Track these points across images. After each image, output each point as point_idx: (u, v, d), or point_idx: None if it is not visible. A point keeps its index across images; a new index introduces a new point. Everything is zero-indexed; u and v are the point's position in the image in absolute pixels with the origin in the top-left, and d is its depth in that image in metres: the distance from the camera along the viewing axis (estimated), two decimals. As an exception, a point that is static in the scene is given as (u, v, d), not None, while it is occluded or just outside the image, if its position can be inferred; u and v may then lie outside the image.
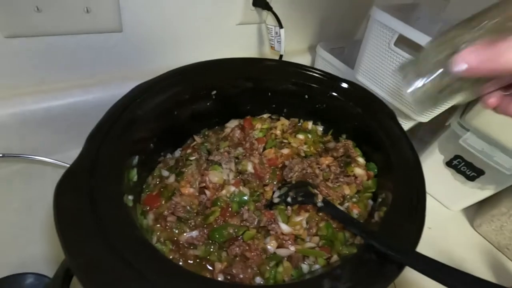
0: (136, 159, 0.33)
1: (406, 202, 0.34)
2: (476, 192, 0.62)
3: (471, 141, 0.55)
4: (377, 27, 0.58)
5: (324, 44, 0.81)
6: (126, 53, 0.52)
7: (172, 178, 0.38)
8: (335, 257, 0.33)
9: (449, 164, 0.63)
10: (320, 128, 0.56)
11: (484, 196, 0.61)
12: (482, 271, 0.56)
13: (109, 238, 0.22)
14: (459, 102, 0.27)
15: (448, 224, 0.65)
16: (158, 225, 0.33)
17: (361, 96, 0.51)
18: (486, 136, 0.54)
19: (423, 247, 0.58)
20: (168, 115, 0.39)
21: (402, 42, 0.56)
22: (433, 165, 0.66)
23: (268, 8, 0.62)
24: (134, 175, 0.32)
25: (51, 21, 0.42)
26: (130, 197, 0.30)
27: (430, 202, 0.69)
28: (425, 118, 0.61)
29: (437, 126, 0.69)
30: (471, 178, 0.61)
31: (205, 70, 0.44)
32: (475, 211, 0.67)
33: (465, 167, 0.61)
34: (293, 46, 0.83)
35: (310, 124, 0.56)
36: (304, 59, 0.85)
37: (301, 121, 0.56)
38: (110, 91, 0.49)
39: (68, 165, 0.25)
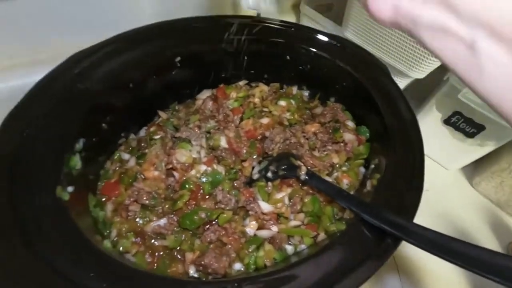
0: (80, 143, 0.28)
1: (402, 167, 0.30)
2: (476, 149, 0.59)
3: (472, 94, 0.51)
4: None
5: (309, 1, 0.73)
6: (70, 17, 0.43)
7: (132, 161, 0.33)
8: (322, 235, 0.29)
9: (447, 122, 0.59)
10: (305, 93, 0.50)
11: (484, 152, 0.58)
12: (483, 230, 0.54)
13: (31, 241, 0.17)
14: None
15: (446, 184, 0.63)
16: (118, 217, 0.29)
17: (350, 52, 0.45)
18: None
19: (421, 211, 0.56)
20: (121, 89, 0.33)
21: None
22: (430, 124, 0.61)
23: (239, -44, 0.53)
24: (76, 162, 0.27)
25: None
26: (70, 189, 0.25)
27: (427, 163, 0.66)
28: (421, 73, 0.56)
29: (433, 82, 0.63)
30: (470, 135, 0.57)
31: (165, 32, 0.37)
32: (474, 169, 0.64)
33: (464, 124, 0.57)
34: (273, 4, 0.74)
35: (294, 89, 0.50)
36: (287, 19, 0.77)
37: (285, 86, 0.51)
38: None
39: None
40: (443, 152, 0.64)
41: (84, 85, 0.28)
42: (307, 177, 0.32)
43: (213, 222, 0.30)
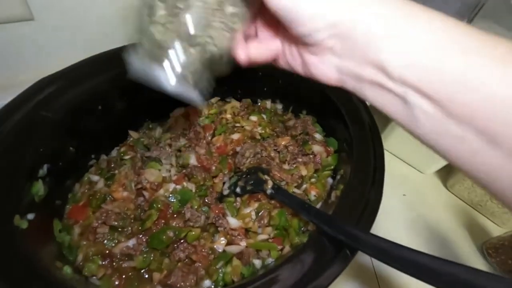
0: (44, 169, 0.28)
1: (363, 178, 0.31)
2: (447, 153, 0.61)
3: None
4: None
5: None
6: (41, 44, 0.44)
7: (101, 183, 0.33)
8: (287, 248, 0.30)
9: (418, 127, 0.61)
10: (279, 106, 0.52)
11: (454, 156, 0.60)
12: (458, 231, 0.56)
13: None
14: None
15: (422, 188, 0.64)
16: (85, 241, 0.29)
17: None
18: None
19: (399, 215, 0.57)
20: (89, 113, 0.34)
21: None
22: (403, 130, 0.64)
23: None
24: (39, 188, 0.27)
25: None
26: (30, 216, 0.25)
27: (403, 168, 0.68)
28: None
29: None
30: (441, 140, 0.59)
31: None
32: (448, 172, 0.66)
33: (434, 129, 0.59)
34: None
35: (268, 103, 0.52)
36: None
37: (259, 100, 0.52)
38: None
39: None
40: (418, 157, 0.67)
41: (48, 112, 0.29)
42: (273, 191, 0.33)
43: (182, 241, 0.31)
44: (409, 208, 0.59)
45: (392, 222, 0.54)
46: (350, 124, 0.39)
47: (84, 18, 0.46)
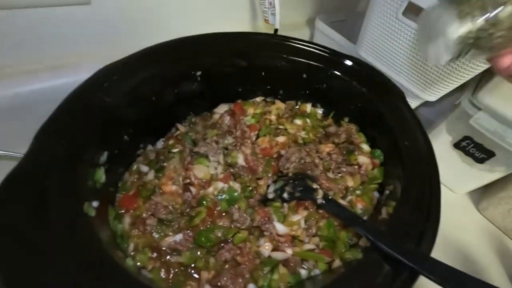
0: (104, 156, 0.28)
1: (418, 195, 0.30)
2: (484, 175, 0.59)
3: (483, 121, 0.51)
4: (382, -6, 0.51)
5: (324, 17, 0.74)
6: (96, 29, 0.45)
7: (151, 175, 0.33)
8: (337, 262, 0.29)
9: (457, 145, 0.59)
10: (319, 111, 0.51)
11: (492, 179, 0.58)
12: (488, 256, 0.54)
13: (58, 261, 0.17)
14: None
15: (453, 208, 0.63)
16: (136, 230, 0.29)
17: (367, 74, 0.46)
18: (500, 116, 0.50)
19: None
20: (145, 102, 0.34)
21: (412, 11, 0.49)
22: (439, 146, 0.61)
23: (259, -23, 0.54)
24: (101, 175, 0.27)
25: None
26: (95, 203, 0.25)
27: (435, 186, 0.66)
28: (433, 96, 0.56)
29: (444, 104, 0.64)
30: (480, 161, 0.57)
31: (187, 48, 0.38)
32: (481, 194, 0.64)
33: (474, 149, 0.57)
34: (290, 19, 0.75)
35: (308, 107, 0.51)
36: (301, 34, 0.78)
37: (299, 103, 0.51)
38: (80, 74, 0.43)
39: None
40: (451, 176, 0.65)
41: (110, 99, 0.29)
42: (323, 201, 0.32)
43: (228, 241, 0.31)
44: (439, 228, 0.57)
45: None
46: (399, 137, 0.38)
47: (139, 7, 0.46)
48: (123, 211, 0.31)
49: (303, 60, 0.45)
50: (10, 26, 0.38)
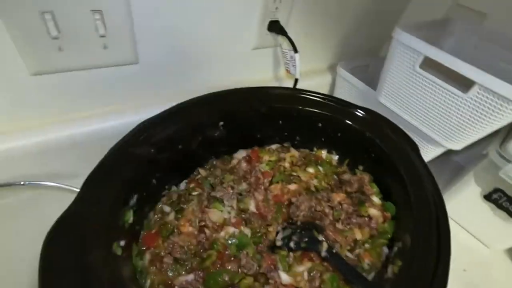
0: (134, 199, 0.33)
1: (426, 259, 0.29)
2: (521, 232, 0.54)
3: (512, 173, 0.49)
4: (400, 48, 0.54)
5: (345, 63, 0.78)
6: (143, 82, 0.54)
7: (172, 215, 0.37)
8: (337, 319, 0.30)
9: (488, 198, 0.56)
10: (335, 157, 0.53)
11: (531, 237, 0.53)
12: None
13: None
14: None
15: (488, 265, 0.57)
16: (153, 267, 0.33)
17: (380, 125, 0.47)
18: None
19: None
20: (173, 151, 0.39)
21: (429, 64, 0.51)
22: (470, 196, 0.59)
23: (283, 32, 0.61)
24: (130, 216, 0.32)
25: (72, 59, 0.45)
26: (122, 243, 0.29)
27: (466, 239, 0.62)
28: (458, 145, 0.55)
29: (476, 150, 0.61)
30: (514, 215, 0.53)
31: (211, 102, 0.44)
32: (522, 252, 0.58)
33: (507, 203, 0.54)
34: (312, 65, 0.80)
35: (324, 153, 0.53)
36: (323, 80, 0.82)
37: (315, 149, 0.54)
38: (128, 118, 0.51)
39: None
40: (485, 230, 0.60)
41: (145, 150, 0.35)
42: (327, 255, 0.33)
43: (235, 286, 0.32)
44: (469, 286, 0.53)
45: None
46: (410, 188, 0.38)
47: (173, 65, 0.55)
48: (144, 248, 0.35)
49: (317, 110, 0.48)
50: (69, 84, 0.47)
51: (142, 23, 0.47)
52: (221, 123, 0.45)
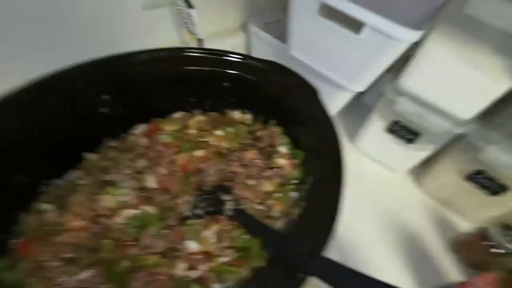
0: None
1: (323, 193, 0.31)
2: (417, 154, 0.63)
3: (405, 105, 0.55)
4: (297, -4, 0.53)
5: (257, 20, 0.74)
6: None
7: (53, 213, 0.31)
8: (244, 273, 0.30)
9: (388, 130, 0.63)
10: (248, 116, 0.51)
11: (424, 156, 0.62)
12: (427, 228, 0.58)
13: None
14: None
15: (395, 187, 0.67)
16: (35, 278, 0.28)
17: (281, 75, 0.47)
18: (417, 99, 0.54)
19: (372, 214, 0.59)
20: (39, 138, 0.32)
21: (328, 11, 0.51)
22: (375, 132, 0.65)
23: (173, -14, 0.53)
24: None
25: None
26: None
27: (376, 168, 0.70)
28: (361, 87, 0.59)
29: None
30: (410, 141, 0.62)
31: (89, 71, 0.37)
32: (420, 171, 0.69)
33: (403, 131, 0.61)
34: (221, 25, 0.75)
35: (237, 113, 0.51)
36: (237, 40, 0.77)
37: (227, 111, 0.51)
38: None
39: None
40: (390, 157, 0.68)
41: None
42: (232, 213, 0.32)
43: (141, 269, 0.30)
44: (380, 208, 0.61)
45: (364, 222, 0.56)
46: (311, 133, 0.39)
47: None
48: (20, 258, 0.29)
49: (218, 69, 0.45)
50: None
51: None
52: (106, 96, 0.38)
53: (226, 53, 0.45)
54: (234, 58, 0.45)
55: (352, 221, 0.53)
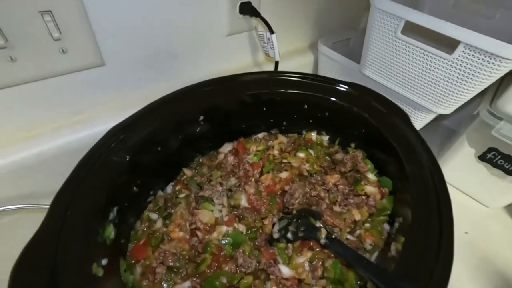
0: (114, 211, 0.31)
1: (429, 231, 0.28)
2: (519, 188, 0.54)
3: (506, 130, 0.48)
4: (379, 16, 0.52)
5: (326, 39, 0.75)
6: (113, 83, 0.50)
7: (160, 222, 0.35)
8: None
9: (482, 158, 0.55)
10: (325, 138, 0.51)
11: (529, 192, 0.53)
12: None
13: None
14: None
15: (489, 225, 0.57)
16: (146, 281, 0.31)
17: (366, 98, 0.45)
18: None
19: (462, 256, 0.52)
20: (151, 154, 0.37)
21: (411, 29, 0.49)
22: (464, 159, 0.58)
23: (256, 14, 0.57)
24: (110, 231, 0.29)
25: (27, 68, 0.41)
26: (104, 261, 0.27)
27: (465, 201, 0.62)
28: (448, 109, 0.54)
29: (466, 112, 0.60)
30: (510, 172, 0.53)
31: (187, 97, 0.41)
32: (521, 209, 0.58)
33: (502, 160, 0.53)
34: (292, 46, 0.77)
35: (313, 135, 0.51)
36: (306, 59, 0.79)
37: (304, 132, 0.52)
38: (101, 125, 0.48)
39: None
40: (482, 190, 0.60)
41: (118, 157, 0.32)
42: (327, 241, 0.31)
43: (235, 287, 0.31)
44: (473, 248, 0.53)
45: (454, 265, 0.49)
46: (404, 160, 0.37)
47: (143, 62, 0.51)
48: (134, 261, 0.32)
49: (299, 91, 0.46)
50: (29, 96, 0.43)
51: (101, 20, 0.43)
52: (201, 117, 0.42)
53: (316, 77, 0.46)
54: (321, 83, 0.45)
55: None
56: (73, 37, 0.41)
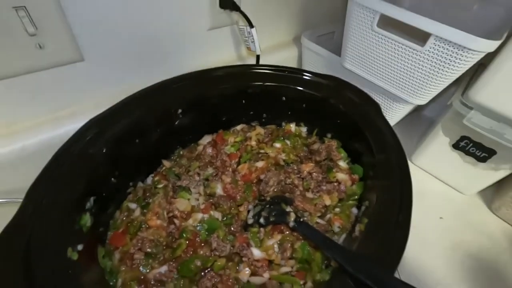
0: (91, 201, 0.32)
1: (389, 212, 0.30)
2: (490, 174, 0.56)
3: (477, 119, 0.50)
4: (356, 9, 0.53)
5: (310, 33, 0.75)
6: (94, 79, 0.51)
7: (138, 211, 0.36)
8: (309, 284, 0.30)
9: (456, 146, 0.58)
10: (304, 129, 0.52)
11: (498, 177, 0.55)
12: (503, 258, 0.51)
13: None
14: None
15: (463, 211, 0.60)
16: (124, 266, 0.32)
17: (342, 90, 0.47)
18: (493, 113, 0.48)
19: (437, 240, 0.54)
20: (130, 146, 0.38)
21: (387, 22, 0.51)
22: (440, 147, 0.60)
23: (236, 8, 0.58)
24: (86, 220, 0.31)
25: (3, 65, 0.41)
26: (79, 247, 0.28)
27: (440, 188, 0.64)
28: (422, 100, 0.56)
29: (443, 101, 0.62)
30: (482, 159, 0.55)
31: (164, 91, 0.42)
32: (493, 193, 0.61)
33: (474, 148, 0.55)
34: (276, 40, 0.78)
35: (292, 126, 0.52)
36: (289, 53, 0.80)
37: (283, 124, 0.53)
38: (84, 121, 0.48)
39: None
40: (457, 177, 0.62)
41: (95, 149, 0.33)
42: (295, 224, 0.33)
43: (209, 269, 0.32)
44: (447, 234, 0.55)
45: (428, 250, 0.51)
46: (374, 148, 0.38)
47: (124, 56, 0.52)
48: (112, 248, 0.34)
49: (277, 84, 0.47)
50: (7, 93, 0.43)
51: (78, 15, 0.43)
52: (179, 110, 0.43)
53: (293, 70, 0.47)
54: (298, 75, 0.47)
55: (413, 248, 0.48)
56: (49, 32, 0.42)
